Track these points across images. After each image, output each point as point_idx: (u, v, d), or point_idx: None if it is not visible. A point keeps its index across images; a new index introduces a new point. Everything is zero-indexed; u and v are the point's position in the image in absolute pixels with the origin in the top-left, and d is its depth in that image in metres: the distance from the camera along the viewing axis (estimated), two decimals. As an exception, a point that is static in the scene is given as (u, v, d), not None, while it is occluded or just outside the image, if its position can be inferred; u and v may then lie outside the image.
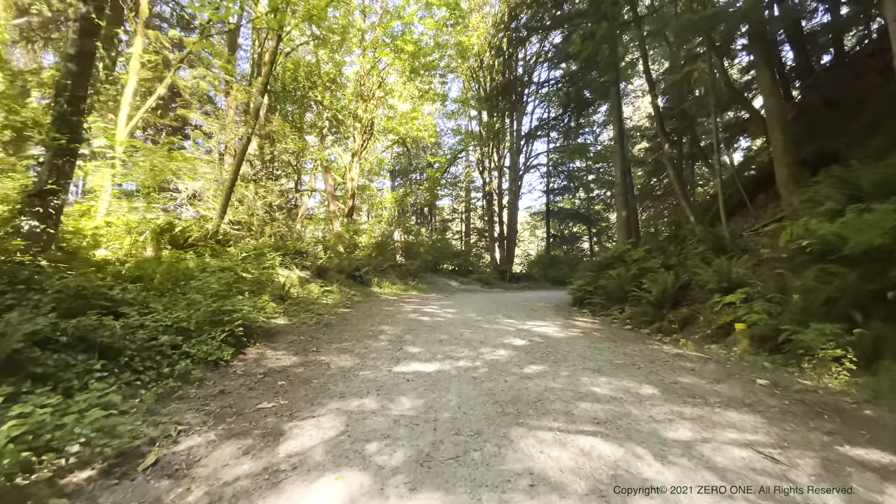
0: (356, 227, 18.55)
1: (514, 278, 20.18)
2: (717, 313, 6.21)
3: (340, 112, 22.03)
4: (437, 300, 11.18)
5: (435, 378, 3.81)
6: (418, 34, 19.82)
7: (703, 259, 8.05)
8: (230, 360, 4.20)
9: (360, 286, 12.63)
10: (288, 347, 4.94)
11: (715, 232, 8.32)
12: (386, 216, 25.45)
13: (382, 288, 13.62)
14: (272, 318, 6.51)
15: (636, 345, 5.37)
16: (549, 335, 5.83)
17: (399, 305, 9.30)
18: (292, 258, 11.13)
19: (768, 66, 7.50)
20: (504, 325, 6.68)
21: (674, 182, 9.58)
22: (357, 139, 20.60)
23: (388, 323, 6.65)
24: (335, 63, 21.43)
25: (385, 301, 10.32)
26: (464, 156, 28.02)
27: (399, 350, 4.85)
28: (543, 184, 27.81)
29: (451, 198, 31.31)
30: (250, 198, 13.49)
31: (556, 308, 9.79)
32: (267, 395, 3.38)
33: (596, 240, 30.70)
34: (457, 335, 5.68)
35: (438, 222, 31.71)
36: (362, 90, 20.23)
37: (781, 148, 7.45)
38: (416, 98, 23.03)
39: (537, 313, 8.49)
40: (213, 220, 10.01)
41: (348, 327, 6.26)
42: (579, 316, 8.54)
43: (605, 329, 6.70)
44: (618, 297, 8.56)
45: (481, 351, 4.79)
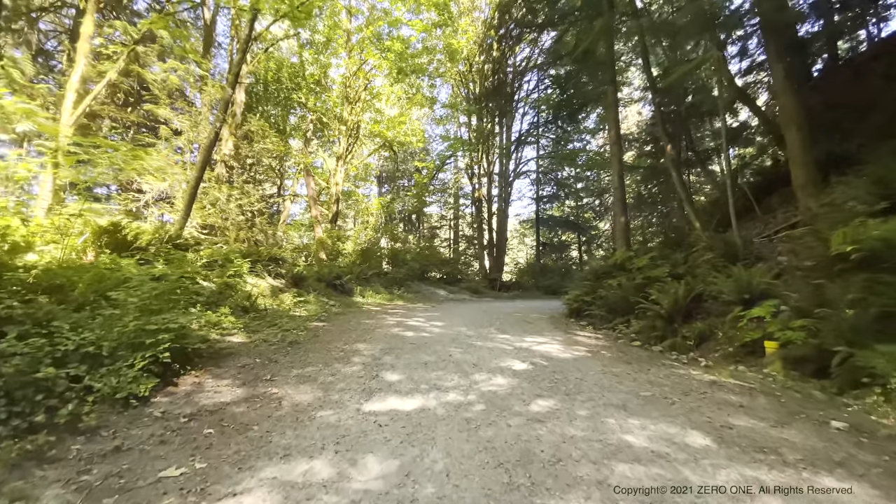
0: (339, 233, 17.53)
1: (505, 287, 19.33)
2: (740, 329, 5.41)
3: (325, 115, 21.12)
4: (423, 311, 10.23)
5: (416, 421, 2.88)
6: (406, 36, 19.10)
7: (713, 267, 7.31)
8: (150, 396, 3.20)
9: (340, 296, 11.62)
10: (236, 375, 3.95)
11: (725, 238, 7.58)
12: (372, 223, 24.48)
13: (365, 297, 12.62)
14: (228, 334, 5.49)
15: (657, 368, 4.50)
16: (553, 355, 4.93)
17: (381, 318, 8.33)
18: (265, 265, 10.10)
19: (781, 60, 6.84)
20: (499, 341, 5.77)
21: (677, 185, 8.86)
22: (342, 143, 19.69)
23: (365, 340, 5.68)
24: (320, 65, 20.58)
25: (366, 312, 9.33)
26: (452, 162, 27.27)
27: (374, 378, 3.90)
28: (533, 191, 27.18)
29: (439, 205, 30.50)
30: (223, 200, 12.41)
31: (553, 320, 8.92)
32: (181, 455, 2.40)
33: (586, 248, 30.14)
34: (445, 356, 4.75)
35: (426, 229, 30.81)
36: (348, 92, 19.36)
37: (799, 147, 6.77)
38: (403, 101, 22.28)
39: (533, 327, 7.61)
40: (176, 223, 8.95)
41: (317, 346, 5.27)
42: (579, 330, 7.68)
43: (612, 346, 5.84)
44: (621, 308, 7.73)
45: (475, 378, 3.86)
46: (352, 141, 20.34)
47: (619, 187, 10.02)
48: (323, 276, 11.82)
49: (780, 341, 4.72)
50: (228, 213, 13.02)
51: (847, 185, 6.28)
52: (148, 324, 3.54)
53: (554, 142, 24.35)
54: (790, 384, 3.96)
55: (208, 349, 4.65)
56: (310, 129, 22.61)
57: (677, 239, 11.06)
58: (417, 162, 25.02)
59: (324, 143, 24.72)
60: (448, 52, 18.86)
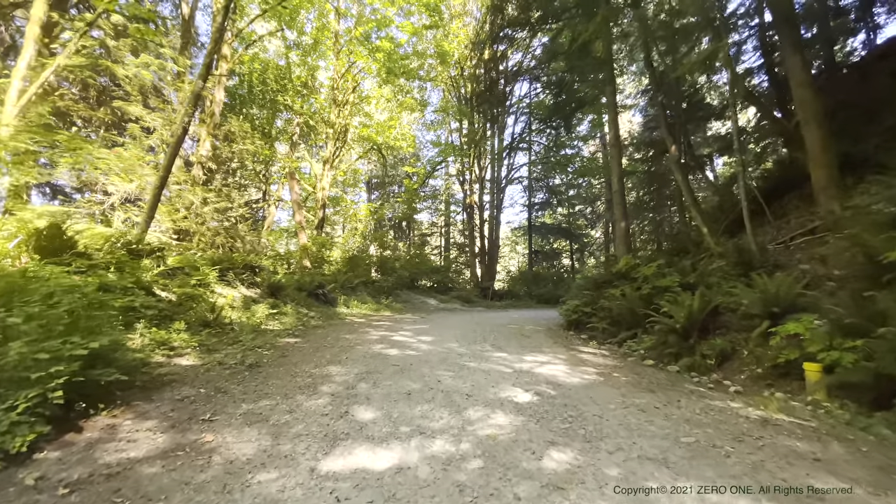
0: (325, 239, 16.65)
1: (497, 296, 18.57)
2: (771, 347, 4.70)
3: (312, 118, 20.35)
4: (411, 323, 9.40)
5: (390, 490, 2.07)
6: (396, 38, 18.48)
7: (726, 276, 6.63)
8: (34, 451, 2.35)
9: (322, 306, 10.75)
10: (167, 413, 3.09)
11: (739, 245, 6.92)
12: (360, 229, 23.63)
13: (350, 307, 11.75)
14: (178, 355, 4.62)
15: (686, 398, 3.74)
16: (560, 381, 4.15)
17: (364, 331, 7.48)
18: (239, 274, 9.21)
19: (799, 51, 6.26)
20: (495, 361, 4.98)
21: (682, 188, 8.22)
22: (329, 146, 18.90)
23: (340, 361, 4.84)
24: (308, 67, 19.85)
25: (348, 325, 8.48)
26: (443, 167, 26.62)
27: (342, 416, 3.07)
28: (524, 198, 26.60)
29: (430, 211, 29.78)
30: (197, 204, 11.49)
31: (551, 333, 8.16)
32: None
33: (578, 256, 29.59)
34: (432, 383, 3.94)
35: (417, 236, 30.02)
36: (336, 95, 18.62)
37: (819, 146, 6.16)
38: (393, 105, 21.61)
39: (531, 341, 6.83)
40: (138, 226, 8.04)
41: (282, 369, 4.42)
42: (582, 345, 6.92)
43: (624, 367, 5.08)
44: (627, 321, 7.00)
45: (469, 416, 3.06)
46: (339, 145, 19.57)
47: (618, 191, 9.38)
48: (304, 285, 10.95)
49: (824, 363, 4.02)
50: (204, 217, 12.10)
51: (877, 187, 5.68)
52: (39, 351, 2.68)
53: (546, 148, 23.83)
54: (852, 419, 3.23)
55: (145, 376, 3.78)
56: (296, 133, 21.80)
57: (679, 246, 10.45)
58: (408, 167, 24.31)
59: (311, 148, 23.90)
60: (439, 55, 18.27)
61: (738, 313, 5.76)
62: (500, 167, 22.59)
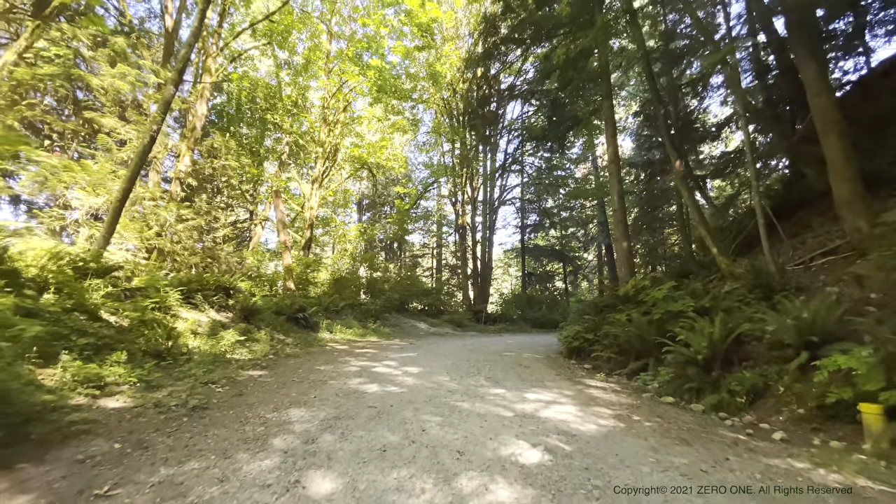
0: (310, 260, 15.83)
1: (490, 319, 17.75)
2: (812, 383, 3.99)
3: (302, 137, 19.87)
4: (398, 350, 8.56)
5: None
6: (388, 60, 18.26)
7: (743, 300, 5.98)
8: None
9: (303, 331, 9.87)
10: (53, 482, 2.26)
11: (755, 265, 6.29)
12: (350, 250, 22.87)
13: (334, 333, 10.87)
14: (108, 394, 3.77)
15: (733, 452, 2.99)
16: (574, 429, 3.37)
17: (343, 361, 6.64)
18: (209, 296, 8.36)
19: (815, 57, 5.84)
20: (492, 401, 4.19)
21: (689, 205, 7.66)
22: (318, 166, 18.34)
23: (306, 402, 4.01)
24: (298, 87, 19.52)
25: (327, 353, 7.62)
26: (436, 188, 26.18)
27: (289, 489, 2.26)
28: (517, 219, 26.15)
29: (422, 233, 29.18)
30: (171, 222, 10.70)
31: (551, 362, 7.39)
32: None
33: (571, 278, 29.00)
34: (415, 433, 3.14)
35: (408, 258, 29.30)
36: (326, 114, 18.20)
37: (841, 158, 5.64)
38: (385, 126, 21.26)
39: (532, 373, 6.04)
40: (96, 242, 7.22)
41: (231, 413, 3.59)
42: (587, 376, 6.15)
43: (643, 407, 4.32)
44: (637, 350, 6.27)
45: (460, 488, 2.27)
46: (329, 164, 19.03)
47: (619, 209, 8.81)
48: (283, 308, 10.09)
49: (886, 405, 3.32)
50: (180, 235, 11.28)
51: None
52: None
53: (538, 170, 23.55)
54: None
55: (48, 425, 2.94)
56: (285, 152, 21.29)
57: (682, 268, 9.85)
58: (399, 188, 23.80)
59: (299, 167, 23.36)
60: (431, 76, 18.03)
61: (764, 342, 5.09)
62: (493, 188, 22.18)
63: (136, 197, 10.75)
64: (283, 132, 20.04)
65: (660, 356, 6.00)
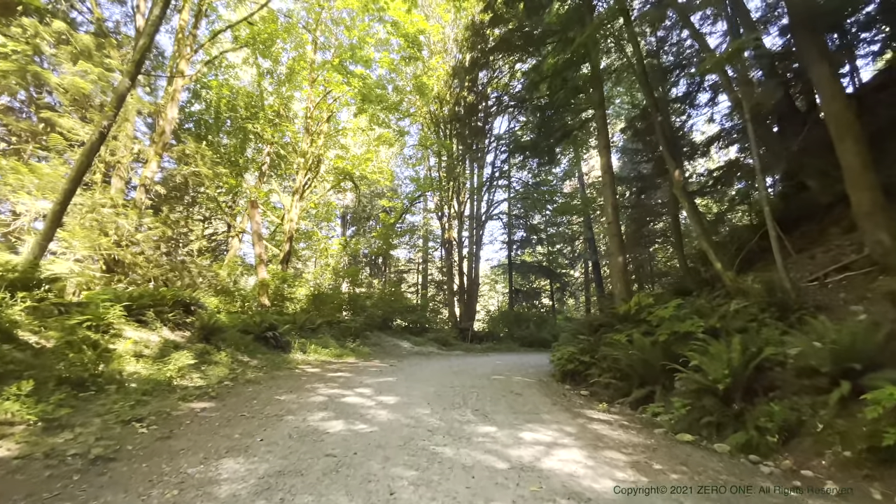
0: (288, 275, 14.89)
1: (476, 338, 16.94)
2: (859, 420, 3.35)
3: (284, 148, 19.14)
4: (375, 373, 7.71)
5: None
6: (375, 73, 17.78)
7: (753, 320, 5.38)
8: None
9: (272, 352, 8.94)
10: None
11: (767, 281, 5.73)
12: (332, 265, 21.95)
13: (307, 353, 9.93)
14: (-16, 442, 2.88)
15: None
16: (585, 487, 2.61)
17: (309, 388, 5.78)
18: (165, 312, 7.42)
19: (826, 58, 5.43)
20: (481, 444, 3.42)
21: (691, 217, 7.14)
22: (299, 177, 17.58)
23: (247, 447, 3.18)
24: (281, 96, 18.89)
25: (294, 377, 6.73)
26: (422, 203, 25.57)
27: None
28: (504, 234, 25.64)
29: (407, 248, 28.42)
30: (130, 231, 9.75)
31: (545, 387, 6.64)
32: None
33: (558, 295, 28.46)
34: (381, 500, 2.36)
35: (393, 273, 28.43)
36: (309, 124, 17.54)
37: (860, 165, 5.18)
38: (371, 138, 20.70)
39: (525, 402, 5.29)
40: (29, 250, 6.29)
41: (144, 466, 2.74)
42: (586, 405, 5.42)
43: (659, 449, 3.60)
44: (641, 375, 5.58)
45: None
46: (311, 175, 18.28)
47: (613, 222, 8.26)
48: (250, 326, 9.16)
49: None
50: (141, 246, 10.31)
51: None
52: None
53: (525, 185, 23.20)
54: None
55: None
56: (266, 163, 20.49)
57: (679, 285, 9.31)
58: (384, 201, 23.12)
59: (280, 179, 22.54)
60: (417, 87, 17.60)
61: (788, 368, 4.46)
62: (480, 202, 21.68)
63: (93, 203, 9.82)
64: (265, 142, 19.30)
65: (667, 383, 5.33)
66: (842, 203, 7.22)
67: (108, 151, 10.58)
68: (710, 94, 12.26)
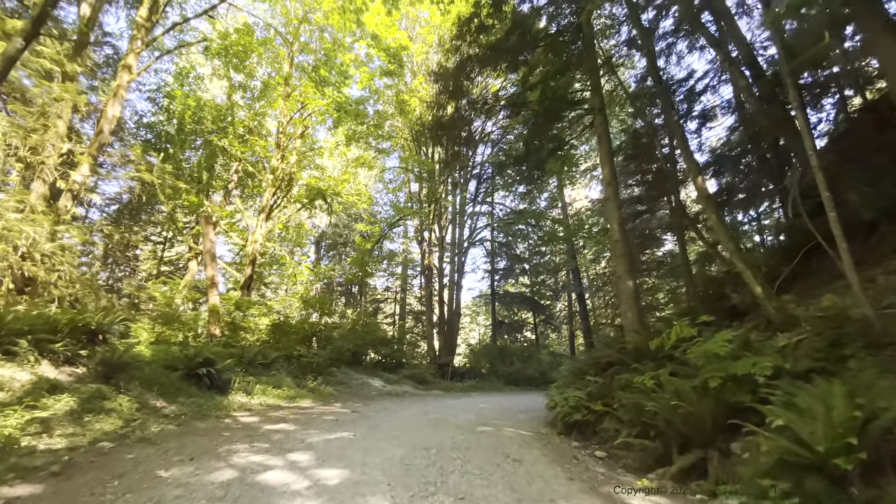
0: (244, 301, 13.02)
1: (457, 374, 15.13)
2: None
3: (254, 166, 17.64)
4: (329, 425, 5.94)
5: None
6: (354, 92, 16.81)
7: (822, 359, 4.03)
8: None
9: (205, 393, 7.08)
10: None
11: (836, 310, 4.43)
12: (301, 292, 20.01)
13: (252, 394, 8.04)
14: None
15: None
16: None
17: (224, 452, 4.01)
18: (46, 342, 5.58)
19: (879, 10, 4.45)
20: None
21: (719, 231, 5.89)
22: (267, 195, 16.02)
23: None
24: (253, 112, 17.62)
25: (214, 433, 4.92)
26: (401, 228, 24.17)
27: None
28: (486, 263, 24.32)
29: (384, 275, 26.70)
30: (40, 241, 7.93)
31: (545, 444, 5.04)
32: None
33: (542, 328, 26.97)
34: None
35: (369, 303, 26.52)
36: (280, 138, 16.21)
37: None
38: (348, 158, 19.47)
39: (527, 474, 3.68)
40: None
41: None
42: (609, 475, 3.85)
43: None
44: (682, 434, 4.07)
45: None
46: (281, 195, 16.74)
47: (620, 240, 6.99)
48: (179, 361, 7.31)
49: None
50: (53, 260, 8.44)
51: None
52: None
53: (509, 212, 22.19)
54: None
55: None
56: (233, 181, 18.89)
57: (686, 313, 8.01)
58: (361, 225, 21.62)
59: (248, 199, 20.90)
60: (398, 104, 16.62)
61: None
62: (463, 228, 20.43)
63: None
64: (233, 159, 17.78)
65: (724, 447, 3.85)
66: (888, 219, 6.18)
67: (26, 149, 8.85)
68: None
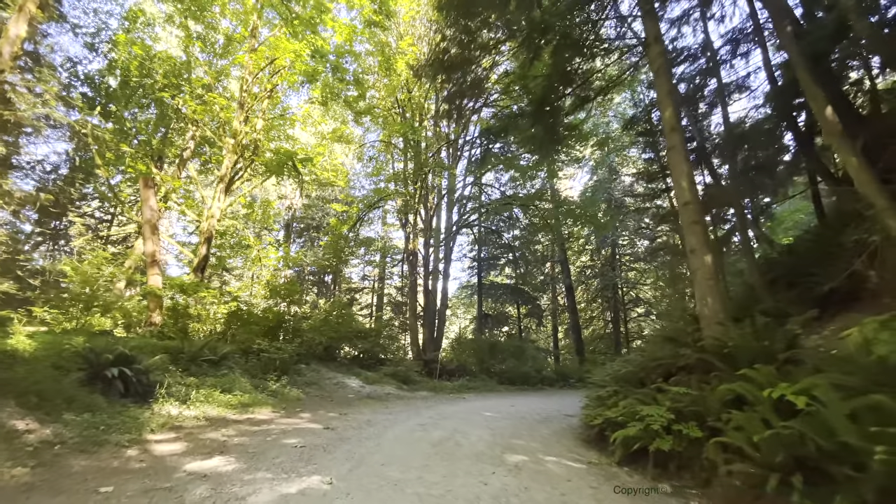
0: (187, 282, 10.73)
1: (446, 372, 13.33)
2: None
3: (215, 133, 15.13)
4: (290, 458, 4.01)
5: None
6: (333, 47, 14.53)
7: None
8: None
9: (115, 402, 4.97)
10: None
11: None
12: (268, 278, 17.67)
13: (189, 401, 5.93)
14: None
15: None
16: None
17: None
18: None
19: None
20: None
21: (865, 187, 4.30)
22: (227, 162, 13.61)
23: None
24: (213, 69, 15.13)
25: (92, 480, 2.91)
26: (380, 213, 22.07)
27: None
28: (473, 251, 22.58)
29: (361, 264, 24.54)
30: None
31: (628, 493, 3.32)
32: None
33: (527, 321, 25.51)
34: None
35: (344, 292, 24.32)
36: (244, 97, 13.80)
37: None
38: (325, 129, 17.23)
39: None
40: None
41: None
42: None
43: None
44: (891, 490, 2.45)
45: None
46: (244, 164, 14.37)
47: (692, 201, 5.35)
48: (78, 358, 5.16)
49: None
50: None
51: None
52: None
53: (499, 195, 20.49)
54: None
55: None
56: (189, 148, 16.30)
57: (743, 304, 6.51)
58: (337, 206, 19.37)
59: (207, 172, 18.31)
60: (384, 62, 14.52)
61: None
62: (451, 211, 18.58)
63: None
64: (188, 122, 15.21)
65: None
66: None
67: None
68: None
